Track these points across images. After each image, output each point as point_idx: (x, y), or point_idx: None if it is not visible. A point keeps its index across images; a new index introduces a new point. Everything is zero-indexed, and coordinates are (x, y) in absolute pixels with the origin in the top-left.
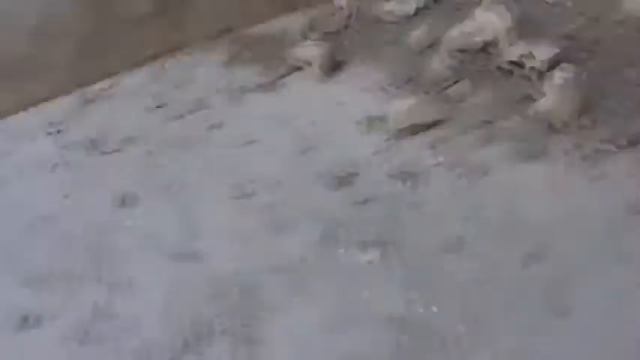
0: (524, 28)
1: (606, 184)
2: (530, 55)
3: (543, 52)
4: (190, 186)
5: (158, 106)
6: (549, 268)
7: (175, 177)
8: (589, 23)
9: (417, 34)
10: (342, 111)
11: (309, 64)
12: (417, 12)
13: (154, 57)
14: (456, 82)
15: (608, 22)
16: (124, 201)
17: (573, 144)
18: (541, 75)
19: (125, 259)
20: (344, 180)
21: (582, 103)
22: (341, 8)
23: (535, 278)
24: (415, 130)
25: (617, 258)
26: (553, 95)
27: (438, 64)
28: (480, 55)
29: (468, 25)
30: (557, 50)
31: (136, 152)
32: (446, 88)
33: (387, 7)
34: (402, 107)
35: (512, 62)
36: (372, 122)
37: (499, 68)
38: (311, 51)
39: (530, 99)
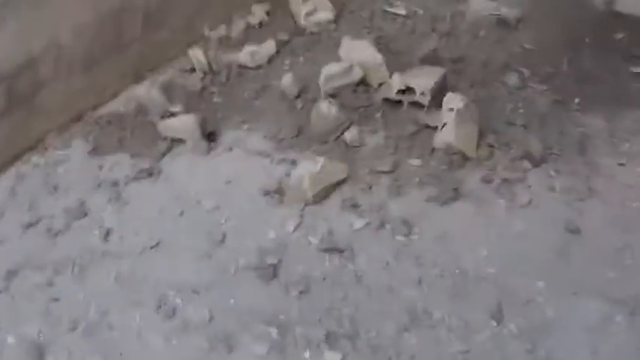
0: (389, 54)
1: (535, 210)
2: (410, 90)
3: (421, 84)
4: (104, 315)
5: (34, 222)
6: (521, 318)
7: (84, 308)
8: (445, 37)
9: (287, 79)
10: (241, 185)
11: (183, 138)
12: (278, 51)
13: (12, 162)
14: (348, 126)
15: (461, 30)
16: (36, 353)
17: (485, 175)
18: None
19: None
20: (275, 267)
21: (479, 127)
22: (194, 68)
23: (513, 333)
24: (328, 192)
25: (578, 288)
26: (449, 126)
27: (325, 108)
28: (360, 92)
29: (337, 65)
30: (435, 79)
31: (28, 287)
32: (340, 135)
33: (245, 52)
34: (310, 170)
35: (397, 92)
36: (281, 192)
37: (385, 100)
38: (181, 123)
39: (426, 129)
